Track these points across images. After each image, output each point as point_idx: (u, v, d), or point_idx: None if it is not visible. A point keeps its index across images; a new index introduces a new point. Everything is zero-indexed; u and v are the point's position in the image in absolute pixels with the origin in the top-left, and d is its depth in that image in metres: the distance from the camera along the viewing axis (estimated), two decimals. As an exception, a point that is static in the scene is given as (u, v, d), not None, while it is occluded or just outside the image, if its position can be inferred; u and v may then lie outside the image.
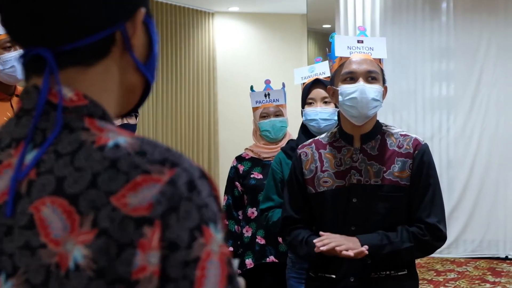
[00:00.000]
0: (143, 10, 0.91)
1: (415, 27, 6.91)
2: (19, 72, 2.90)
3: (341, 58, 2.36)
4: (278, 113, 3.50)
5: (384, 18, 7.00)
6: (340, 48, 2.36)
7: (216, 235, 0.78)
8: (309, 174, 2.38)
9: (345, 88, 2.31)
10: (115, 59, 0.89)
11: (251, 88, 3.64)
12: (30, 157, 0.82)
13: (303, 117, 3.17)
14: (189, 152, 9.10)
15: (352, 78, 2.31)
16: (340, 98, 2.32)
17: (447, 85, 7.00)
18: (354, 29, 6.94)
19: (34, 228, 0.78)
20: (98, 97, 0.86)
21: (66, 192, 0.78)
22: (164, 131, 8.82)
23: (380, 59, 2.37)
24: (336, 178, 2.33)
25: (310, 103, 3.14)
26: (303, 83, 3.41)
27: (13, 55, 2.88)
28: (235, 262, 0.82)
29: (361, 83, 2.28)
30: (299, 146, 2.48)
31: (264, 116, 3.50)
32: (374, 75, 2.31)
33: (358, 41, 2.36)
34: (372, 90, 2.28)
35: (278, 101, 3.51)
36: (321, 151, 2.39)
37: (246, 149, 3.60)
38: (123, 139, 0.81)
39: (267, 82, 3.62)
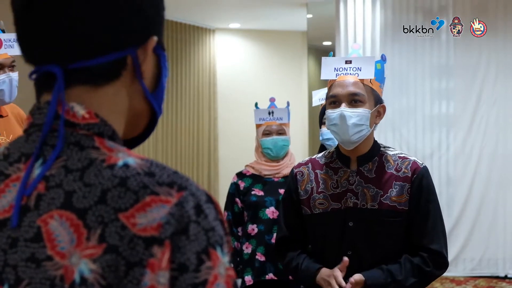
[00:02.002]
0: (155, 39, 0.93)
1: (415, 45, 6.92)
2: (7, 96, 2.88)
3: (331, 80, 2.31)
4: (281, 132, 3.49)
5: (384, 36, 7.02)
6: (326, 71, 2.30)
7: (222, 258, 0.80)
8: (305, 195, 2.33)
9: (328, 113, 2.26)
10: (125, 84, 0.90)
11: (256, 105, 3.65)
12: (38, 172, 0.83)
13: (320, 137, 3.20)
14: (189, 168, 9.09)
15: (335, 102, 2.25)
16: (326, 123, 2.29)
17: (447, 103, 7.00)
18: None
19: (41, 240, 0.80)
20: (106, 118, 0.88)
21: (75, 206, 0.79)
22: (164, 146, 8.81)
23: (371, 79, 2.28)
24: (331, 201, 2.27)
25: None
26: (321, 104, 3.44)
27: (1, 78, 2.86)
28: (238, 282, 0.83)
29: (341, 109, 2.21)
30: (295, 165, 2.44)
31: (266, 133, 3.50)
32: (358, 98, 2.22)
33: (346, 62, 2.28)
34: (354, 115, 2.20)
35: (282, 119, 3.52)
36: (317, 171, 2.35)
37: (247, 165, 3.60)
38: (132, 159, 0.83)
39: (272, 100, 3.63)
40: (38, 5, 0.86)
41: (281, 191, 3.44)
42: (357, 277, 2.16)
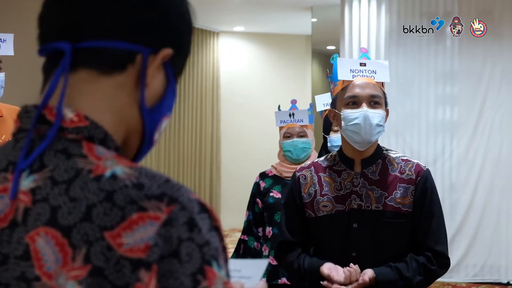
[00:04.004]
0: (169, 51, 0.89)
1: (419, 50, 6.91)
2: None
3: (343, 81, 2.32)
4: (302, 134, 3.46)
5: (389, 41, 7.01)
6: (343, 71, 2.32)
7: (219, 273, 0.76)
8: (308, 198, 2.34)
9: (348, 113, 2.27)
10: (127, 83, 0.87)
11: (278, 107, 3.64)
12: (26, 183, 0.80)
13: (329, 143, 3.19)
14: (191, 171, 9.09)
15: (355, 102, 2.27)
16: (343, 123, 2.28)
17: (451, 109, 6.99)
18: (359, 51, 6.94)
19: (29, 259, 0.77)
20: (102, 114, 0.85)
21: (60, 223, 0.76)
22: (166, 149, 8.81)
23: (382, 82, 2.34)
24: (335, 203, 2.29)
25: (336, 130, 3.16)
26: (324, 110, 3.43)
27: None
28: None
29: (364, 109, 2.24)
30: (298, 169, 2.45)
31: (287, 136, 3.48)
32: (377, 100, 2.27)
33: (361, 64, 2.32)
34: (376, 115, 2.24)
35: (303, 121, 3.49)
36: (320, 174, 2.36)
37: (272, 166, 3.57)
38: (121, 169, 0.79)
39: (293, 102, 3.61)
40: None
41: None
42: (370, 273, 2.19)
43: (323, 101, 3.59)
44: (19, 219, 0.79)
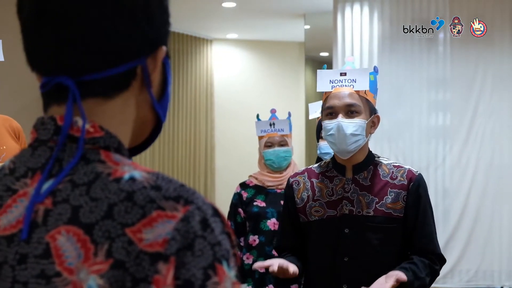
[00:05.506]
0: (164, 48, 0.92)
1: (412, 56, 6.93)
2: None
3: (326, 92, 2.37)
4: (283, 143, 3.51)
5: (382, 47, 7.03)
6: (322, 83, 2.37)
7: (229, 273, 0.79)
8: (301, 203, 2.38)
9: (325, 124, 2.33)
10: (134, 93, 0.90)
11: (257, 116, 3.66)
12: (46, 186, 0.83)
13: (318, 151, 3.21)
14: (185, 178, 9.09)
15: (332, 113, 2.32)
16: (323, 133, 2.35)
17: (443, 115, 7.01)
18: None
19: (50, 257, 0.79)
20: (114, 129, 0.87)
21: (82, 221, 0.79)
22: (160, 156, 8.81)
23: (365, 90, 2.35)
24: (327, 208, 2.32)
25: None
26: (318, 118, 3.47)
27: None
28: None
29: (338, 119, 2.28)
30: (292, 175, 2.50)
31: (268, 145, 3.51)
32: (354, 109, 2.29)
33: (341, 74, 2.35)
34: (351, 125, 2.27)
35: (283, 130, 3.53)
36: (313, 180, 2.40)
37: (250, 176, 3.60)
38: (139, 173, 0.83)
39: (273, 111, 3.65)
40: (50, 15, 0.85)
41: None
42: (401, 275, 2.14)
43: (316, 109, 3.63)
44: (39, 220, 0.81)
